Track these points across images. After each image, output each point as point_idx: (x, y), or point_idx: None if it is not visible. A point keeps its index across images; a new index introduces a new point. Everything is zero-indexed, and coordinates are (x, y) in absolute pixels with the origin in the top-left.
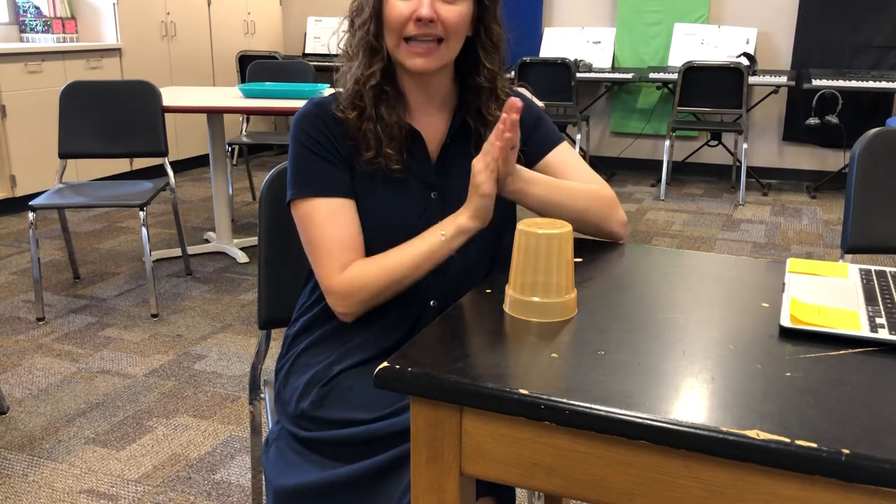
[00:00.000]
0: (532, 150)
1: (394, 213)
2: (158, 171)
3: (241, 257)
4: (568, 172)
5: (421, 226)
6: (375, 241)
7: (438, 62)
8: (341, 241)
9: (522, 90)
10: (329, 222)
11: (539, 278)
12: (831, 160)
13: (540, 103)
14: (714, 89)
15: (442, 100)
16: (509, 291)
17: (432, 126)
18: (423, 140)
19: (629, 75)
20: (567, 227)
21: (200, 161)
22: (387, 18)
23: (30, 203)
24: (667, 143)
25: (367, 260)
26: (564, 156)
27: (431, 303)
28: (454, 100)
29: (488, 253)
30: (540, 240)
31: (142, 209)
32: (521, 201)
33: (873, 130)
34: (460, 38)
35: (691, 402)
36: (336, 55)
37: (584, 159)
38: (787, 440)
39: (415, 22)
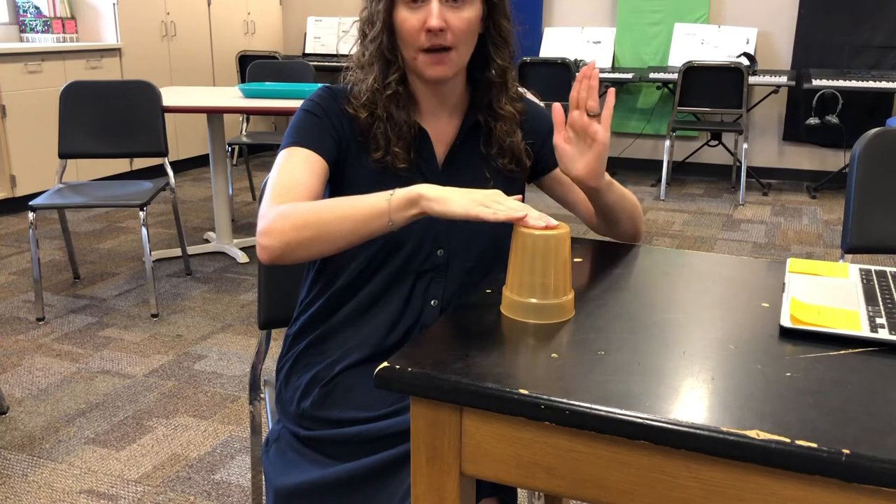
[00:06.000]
0: (548, 157)
1: None
2: (158, 171)
3: (241, 257)
4: None
5: (424, 226)
6: (380, 239)
7: (453, 68)
8: (296, 181)
9: (522, 90)
10: (294, 166)
11: (536, 279)
12: (831, 160)
13: (541, 103)
14: (714, 89)
15: (454, 103)
16: (506, 293)
17: (442, 128)
18: (430, 141)
19: (629, 75)
20: (564, 228)
21: (200, 161)
22: (399, 31)
23: (30, 203)
24: (667, 143)
25: (303, 202)
26: None
27: (432, 302)
28: (465, 102)
29: (490, 253)
30: (537, 240)
31: (142, 209)
32: (595, 197)
33: (873, 130)
34: (471, 42)
35: (691, 402)
36: (335, 55)
37: None
38: (787, 440)
39: (426, 32)
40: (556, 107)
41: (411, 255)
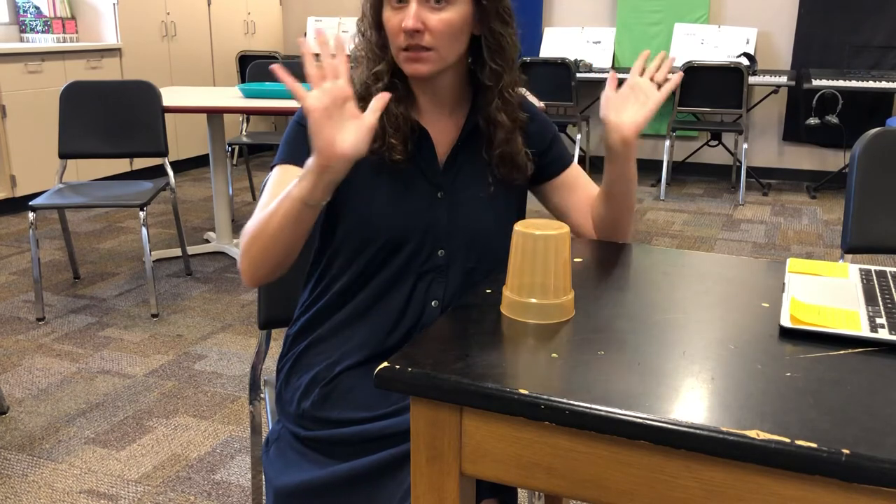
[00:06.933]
0: (550, 165)
1: (398, 209)
2: (158, 171)
3: None
4: (584, 186)
5: (424, 225)
6: (378, 236)
7: (432, 67)
8: (273, 199)
9: (521, 90)
10: (277, 184)
11: (536, 280)
12: (831, 160)
13: (540, 104)
14: (714, 89)
15: (453, 102)
16: (506, 293)
17: (443, 128)
18: (431, 140)
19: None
20: (564, 228)
21: (200, 161)
22: (386, 30)
23: (30, 203)
24: (667, 143)
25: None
26: (579, 173)
27: (433, 303)
28: (468, 102)
29: (491, 254)
30: (537, 241)
31: (142, 209)
32: (619, 157)
33: (873, 130)
34: (453, 43)
35: (691, 402)
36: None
37: (585, 159)
38: (787, 440)
39: (404, 32)
40: (613, 74)
41: (412, 256)
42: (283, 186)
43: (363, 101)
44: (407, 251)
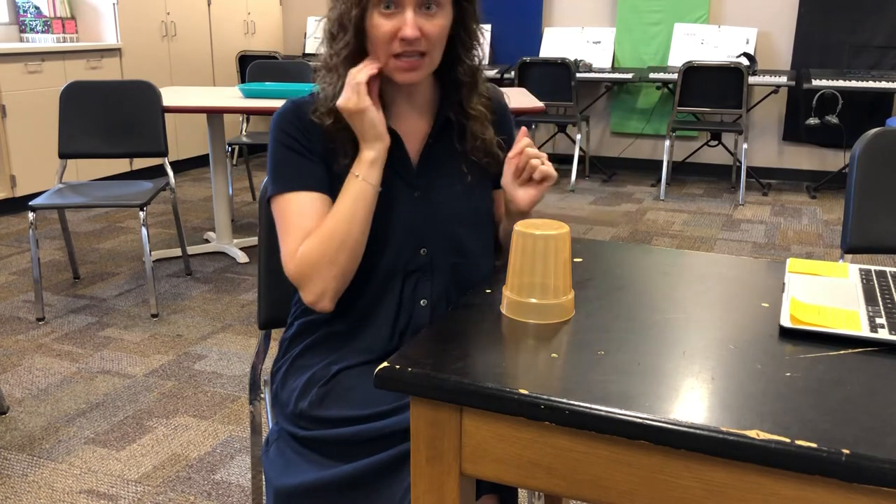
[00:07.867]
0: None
1: (378, 214)
2: (158, 171)
3: (241, 257)
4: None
5: (405, 226)
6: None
7: (423, 73)
8: (305, 231)
9: (522, 89)
10: (297, 214)
11: (536, 280)
12: (831, 160)
13: (539, 104)
14: (714, 89)
15: (423, 103)
16: (506, 293)
17: (414, 127)
18: (402, 141)
19: (629, 75)
20: (565, 228)
21: (200, 161)
22: (372, 37)
23: (30, 203)
24: (667, 143)
25: (309, 237)
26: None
27: (422, 302)
28: (436, 99)
29: (474, 246)
30: (537, 241)
31: (142, 209)
32: (515, 220)
33: (873, 130)
34: (442, 48)
35: (691, 402)
36: None
37: (584, 159)
38: (787, 440)
39: (399, 40)
40: (523, 130)
41: (396, 257)
42: (309, 210)
43: (334, 115)
44: (391, 253)
